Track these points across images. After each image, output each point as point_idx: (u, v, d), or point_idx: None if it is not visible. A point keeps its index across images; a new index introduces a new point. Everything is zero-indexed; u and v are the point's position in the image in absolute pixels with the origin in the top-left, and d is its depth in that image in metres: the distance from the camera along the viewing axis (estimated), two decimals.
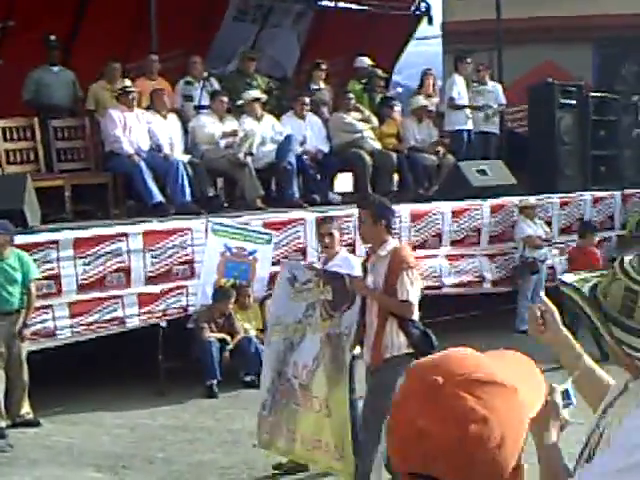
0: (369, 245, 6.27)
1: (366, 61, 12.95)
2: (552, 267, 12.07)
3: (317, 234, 7.28)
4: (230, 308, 9.32)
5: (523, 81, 13.90)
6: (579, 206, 12.67)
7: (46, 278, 8.08)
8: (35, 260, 7.99)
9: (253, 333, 9.44)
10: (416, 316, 5.98)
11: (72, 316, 8.32)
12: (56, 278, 8.13)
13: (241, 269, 9.56)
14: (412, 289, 5.84)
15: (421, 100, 12.49)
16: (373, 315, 5.98)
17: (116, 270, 8.35)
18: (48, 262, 8.10)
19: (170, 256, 8.81)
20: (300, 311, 6.54)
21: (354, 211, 10.32)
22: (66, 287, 8.16)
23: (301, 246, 9.79)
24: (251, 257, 9.55)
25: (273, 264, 9.46)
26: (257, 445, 6.67)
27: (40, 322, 8.11)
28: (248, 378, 9.18)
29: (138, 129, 9.88)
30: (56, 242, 8.17)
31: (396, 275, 5.83)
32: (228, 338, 9.21)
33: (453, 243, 11.35)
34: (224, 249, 9.30)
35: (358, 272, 6.51)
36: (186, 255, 8.93)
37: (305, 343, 6.45)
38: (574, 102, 12.80)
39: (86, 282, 8.27)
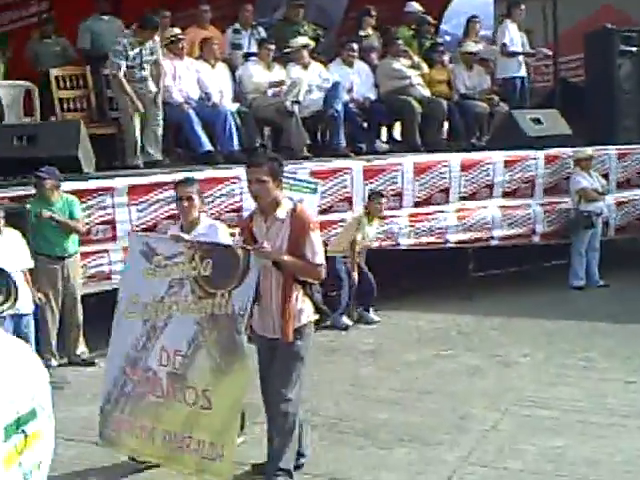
0: (254, 208, 6.01)
1: (416, 6, 13.62)
2: (607, 222, 12.66)
3: (176, 197, 6.72)
4: None
5: (579, 28, 14.28)
6: (638, 159, 13.13)
7: (101, 224, 8.98)
8: (90, 206, 8.92)
9: None
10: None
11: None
12: (111, 224, 9.04)
13: None
14: (321, 251, 5.81)
15: (470, 46, 13.11)
16: (273, 286, 5.77)
17: (168, 217, 9.18)
18: (103, 208, 9.02)
19: (219, 204, 9.65)
20: (162, 289, 6.08)
21: (402, 160, 11.21)
22: (121, 233, 9.02)
23: (347, 195, 10.59)
24: None
25: (319, 213, 10.33)
26: (99, 443, 6.30)
27: (95, 266, 9.07)
28: None
29: (188, 78, 10.72)
30: (111, 189, 9.06)
31: (303, 238, 5.72)
32: None
33: (505, 194, 11.95)
34: None
35: (227, 240, 6.50)
36: (235, 202, 9.76)
37: (173, 325, 6.01)
38: (634, 49, 13.16)
39: (140, 228, 9.13)
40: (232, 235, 6.81)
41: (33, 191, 8.45)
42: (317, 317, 5.95)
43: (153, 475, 6.07)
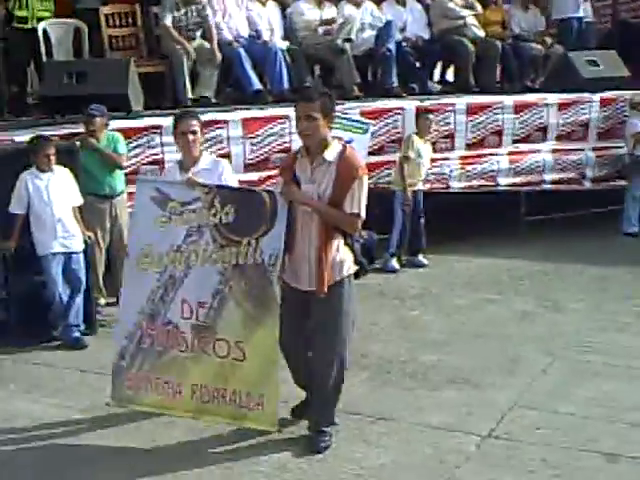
0: (298, 147, 5.69)
1: None
2: None
3: (174, 133, 6.44)
4: None
5: None
6: None
7: (150, 163, 9.02)
8: (139, 145, 8.98)
9: None
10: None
11: None
12: (160, 164, 9.00)
13: None
14: (363, 200, 5.48)
15: None
16: (312, 234, 5.50)
17: (221, 156, 9.21)
18: (152, 147, 9.05)
19: (269, 144, 9.66)
20: (178, 237, 5.82)
21: (455, 101, 11.13)
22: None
23: (399, 136, 10.53)
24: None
25: (369, 154, 10.31)
26: (111, 403, 6.08)
27: None
28: None
29: (237, 16, 10.68)
30: (159, 127, 9.06)
31: (348, 184, 5.41)
32: None
33: (558, 137, 11.83)
34: None
35: (233, 180, 6.33)
36: (285, 143, 9.73)
37: (193, 277, 5.79)
38: None
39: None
40: None
41: (82, 129, 8.51)
42: (356, 268, 5.65)
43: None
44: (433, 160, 10.57)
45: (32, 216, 7.74)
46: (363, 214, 5.50)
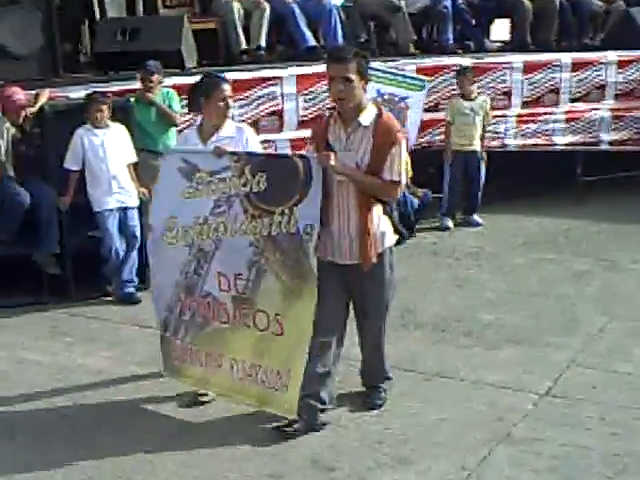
0: (334, 112, 5.33)
1: None
2: None
3: (204, 98, 5.98)
4: None
5: None
6: None
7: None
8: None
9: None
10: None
11: None
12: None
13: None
14: (402, 166, 5.21)
15: None
16: (351, 204, 5.24)
17: (270, 114, 9.30)
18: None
19: (322, 100, 9.62)
20: (205, 209, 5.57)
21: (512, 58, 11.01)
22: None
23: (455, 93, 10.45)
24: (402, 104, 10.27)
25: (425, 111, 10.27)
26: (164, 374, 6.00)
27: None
28: None
29: None
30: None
31: (385, 149, 5.13)
32: None
33: (617, 96, 11.68)
34: (376, 94, 10.05)
35: (258, 147, 6.10)
36: None
37: (224, 249, 5.55)
38: None
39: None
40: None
41: (137, 85, 8.56)
42: (397, 238, 5.50)
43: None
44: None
45: (87, 172, 7.82)
46: (403, 181, 5.26)
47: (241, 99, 9.23)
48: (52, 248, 7.93)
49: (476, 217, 10.45)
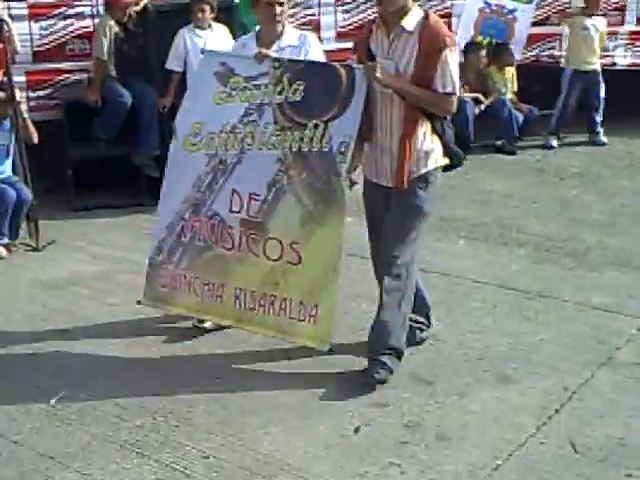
0: (377, 17, 4.83)
1: None
2: None
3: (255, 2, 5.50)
4: (484, 64, 9.99)
5: None
6: None
7: (304, 24, 8.89)
8: (297, 4, 8.90)
9: (509, 96, 10.14)
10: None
11: None
12: (315, 25, 9.05)
13: (498, 27, 10.13)
14: (455, 77, 4.66)
15: None
16: (394, 119, 4.74)
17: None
18: (309, 7, 9.04)
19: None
20: (235, 115, 5.15)
21: None
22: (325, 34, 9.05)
23: (566, 6, 10.18)
24: (510, 16, 10.09)
25: (533, 25, 10.02)
26: (143, 301, 5.48)
27: None
28: (499, 142, 10.02)
29: None
30: None
31: (434, 57, 4.60)
32: (482, 97, 9.94)
33: None
34: (483, 5, 9.88)
35: (320, 54, 5.49)
36: (445, 9, 9.64)
37: (246, 163, 5.11)
38: None
39: (345, 30, 9.17)
40: None
41: None
42: (446, 161, 4.88)
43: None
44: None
45: (189, 74, 7.81)
46: (457, 91, 4.70)
47: (347, 3, 9.15)
48: (151, 150, 8.01)
49: (602, 137, 10.26)
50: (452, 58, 4.64)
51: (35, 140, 7.17)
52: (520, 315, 5.69)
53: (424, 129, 4.75)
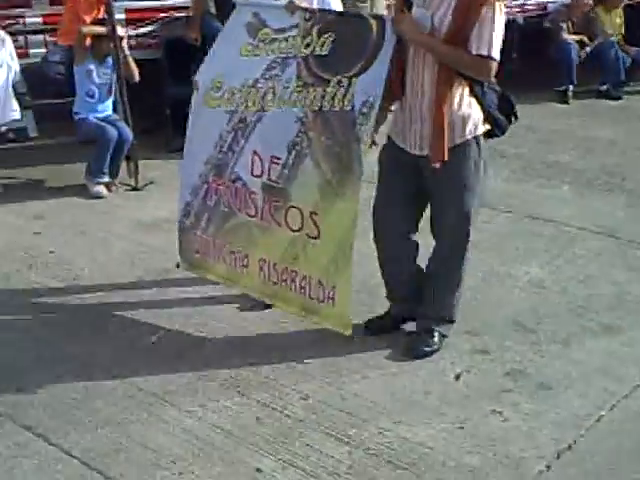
0: None
1: None
2: None
3: None
4: (590, 6, 9.72)
5: None
6: None
7: None
8: None
9: (615, 38, 9.86)
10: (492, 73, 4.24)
11: None
12: None
13: None
14: (498, 35, 4.11)
15: None
16: (426, 79, 4.24)
17: None
18: None
19: None
20: (258, 69, 4.74)
21: None
22: None
23: None
24: None
25: None
26: (181, 266, 5.29)
27: None
28: (604, 87, 9.77)
29: None
30: None
31: (473, 12, 4.09)
32: (587, 40, 9.69)
33: None
34: None
35: (338, 5, 5.16)
36: None
37: (267, 121, 4.71)
38: None
39: None
40: None
41: None
42: (487, 128, 4.37)
43: None
44: None
45: None
46: (497, 55, 4.12)
47: None
48: None
49: None
50: (494, 16, 4.08)
51: (136, 78, 7.20)
52: (625, 264, 5.58)
53: (460, 92, 4.24)
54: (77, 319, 4.94)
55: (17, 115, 7.12)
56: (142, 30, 8.02)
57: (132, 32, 7.85)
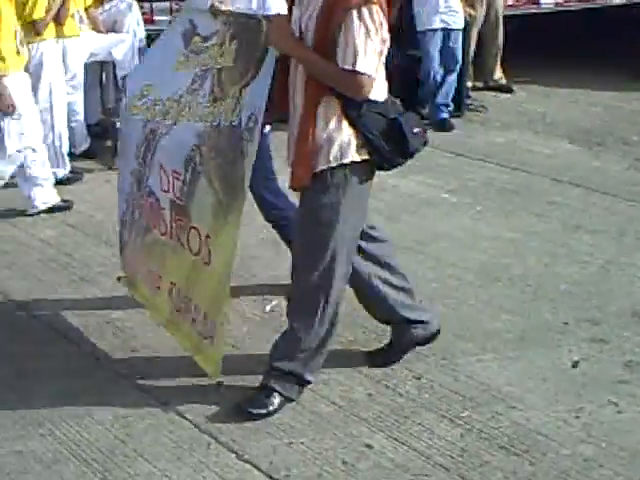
0: None
1: None
2: None
3: None
4: None
5: None
6: None
7: None
8: None
9: None
10: (380, 93, 3.69)
11: None
12: None
13: None
14: (370, 46, 3.50)
15: None
16: (297, 90, 3.73)
17: None
18: None
19: None
20: (185, 84, 4.22)
21: None
22: None
23: None
24: None
25: None
26: (121, 281, 4.83)
27: None
28: None
29: None
30: None
31: (335, 16, 3.50)
32: None
33: None
34: None
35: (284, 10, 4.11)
36: None
37: (173, 134, 4.25)
38: None
39: None
40: None
41: None
42: (365, 157, 3.67)
43: None
44: None
45: None
46: (366, 69, 3.52)
47: None
48: None
49: None
50: (363, 22, 3.48)
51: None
52: None
53: (329, 111, 3.64)
54: None
55: None
56: None
57: None
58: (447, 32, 7.69)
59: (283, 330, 3.94)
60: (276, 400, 3.85)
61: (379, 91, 3.65)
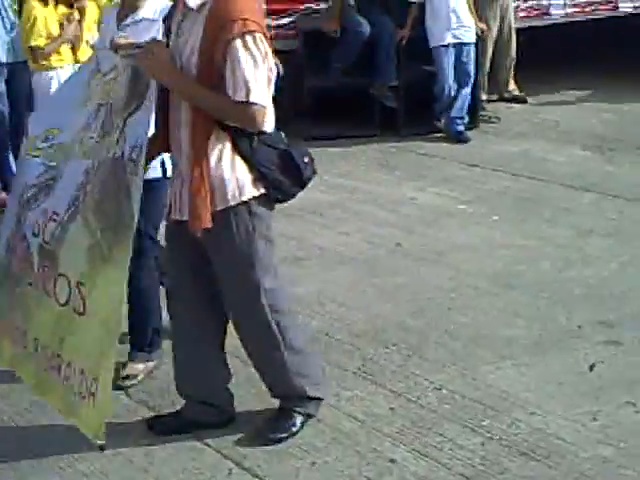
0: None
1: None
2: None
3: None
4: None
5: None
6: None
7: None
8: None
9: None
10: (270, 123, 3.54)
11: None
12: None
13: None
14: (259, 75, 3.39)
15: None
16: (182, 126, 3.53)
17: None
18: None
19: None
20: (85, 120, 3.86)
21: None
22: None
23: None
24: None
25: None
26: None
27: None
28: None
29: None
30: None
31: (221, 48, 3.35)
32: None
33: None
34: None
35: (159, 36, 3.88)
36: None
37: (64, 176, 3.86)
38: None
39: None
40: None
41: None
42: (263, 191, 3.55)
43: None
44: None
45: (428, 6, 7.76)
46: (259, 99, 3.40)
47: None
48: (390, 79, 8.00)
49: None
50: (249, 52, 3.36)
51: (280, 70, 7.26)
52: None
53: (220, 147, 3.49)
54: None
55: None
56: (282, 21, 8.10)
57: (272, 23, 7.95)
58: (460, 47, 7.74)
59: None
60: (297, 420, 3.81)
61: (269, 121, 3.53)
